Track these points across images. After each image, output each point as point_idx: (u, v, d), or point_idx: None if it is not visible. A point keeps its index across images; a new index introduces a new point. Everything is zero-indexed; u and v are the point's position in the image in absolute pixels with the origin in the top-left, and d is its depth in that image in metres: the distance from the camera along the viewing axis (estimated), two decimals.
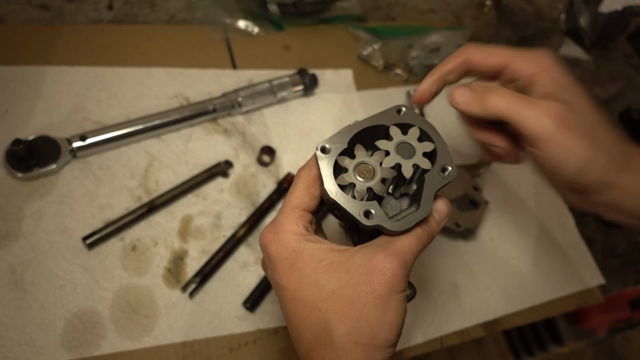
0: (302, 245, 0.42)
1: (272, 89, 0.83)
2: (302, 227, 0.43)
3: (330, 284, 0.40)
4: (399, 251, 0.40)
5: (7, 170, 0.66)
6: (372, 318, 0.39)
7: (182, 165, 0.75)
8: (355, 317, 0.39)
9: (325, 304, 0.40)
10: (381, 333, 0.39)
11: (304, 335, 0.41)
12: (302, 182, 0.44)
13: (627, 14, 1.13)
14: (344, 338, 0.39)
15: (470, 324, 0.78)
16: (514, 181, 0.95)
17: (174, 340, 0.63)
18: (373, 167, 0.43)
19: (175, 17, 0.91)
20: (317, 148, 0.43)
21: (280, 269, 0.42)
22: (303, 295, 0.41)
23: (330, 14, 1.00)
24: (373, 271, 0.39)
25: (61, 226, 0.65)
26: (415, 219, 0.41)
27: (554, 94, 0.48)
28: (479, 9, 1.18)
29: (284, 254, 0.42)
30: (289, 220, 0.43)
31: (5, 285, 0.60)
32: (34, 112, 0.72)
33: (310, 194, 0.44)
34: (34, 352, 0.58)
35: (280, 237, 0.42)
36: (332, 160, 0.43)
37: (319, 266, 0.41)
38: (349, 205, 0.41)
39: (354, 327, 0.39)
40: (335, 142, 0.44)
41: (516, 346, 1.54)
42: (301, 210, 0.43)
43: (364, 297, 0.39)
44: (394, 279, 0.39)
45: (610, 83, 1.13)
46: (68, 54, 0.78)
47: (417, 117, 0.45)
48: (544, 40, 1.11)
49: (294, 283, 0.41)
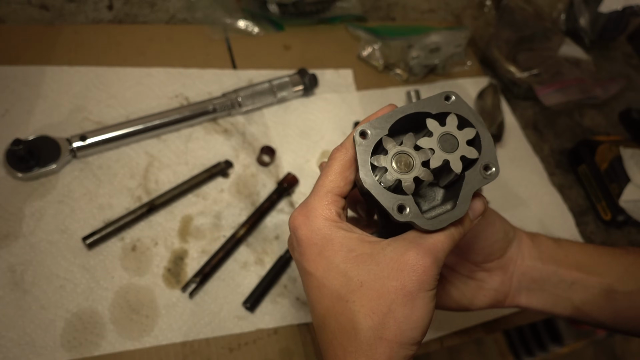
0: (333, 232, 0.40)
1: (272, 89, 0.83)
2: (334, 212, 0.41)
3: (359, 275, 0.39)
4: (432, 249, 0.39)
5: (7, 170, 0.66)
6: (399, 314, 0.38)
7: (182, 165, 0.75)
8: (382, 312, 0.38)
9: (353, 296, 0.39)
10: (407, 330, 0.38)
11: (328, 324, 0.41)
12: (337, 164, 0.42)
13: (627, 14, 1.13)
14: (369, 332, 0.38)
15: (470, 324, 0.78)
16: (514, 181, 0.95)
17: (174, 340, 0.63)
18: (413, 161, 0.40)
19: (175, 17, 0.91)
20: (355, 131, 0.41)
21: (309, 255, 0.41)
22: (330, 284, 0.40)
23: (330, 14, 1.00)
24: (405, 267, 0.38)
25: (61, 226, 0.65)
26: (450, 219, 0.40)
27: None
28: (479, 9, 1.18)
29: (314, 240, 0.41)
30: (321, 204, 0.41)
31: (5, 285, 0.60)
32: (34, 112, 0.72)
33: (345, 178, 0.42)
34: (34, 352, 0.58)
35: (312, 222, 0.41)
36: (370, 146, 0.40)
37: (349, 256, 0.40)
38: (382, 198, 0.39)
39: (380, 323, 0.38)
40: (376, 127, 0.41)
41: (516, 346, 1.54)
42: (334, 195, 0.42)
43: (393, 293, 0.38)
44: (425, 277, 0.38)
45: (610, 83, 1.13)
46: (68, 54, 0.78)
47: (464, 106, 0.42)
48: (544, 40, 1.11)
49: (322, 270, 0.40)
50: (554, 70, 1.06)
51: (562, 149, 1.08)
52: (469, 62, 1.09)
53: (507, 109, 1.07)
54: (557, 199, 0.97)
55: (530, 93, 1.07)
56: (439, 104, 0.41)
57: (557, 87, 1.06)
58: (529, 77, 1.06)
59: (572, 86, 1.07)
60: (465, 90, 1.05)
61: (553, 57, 1.09)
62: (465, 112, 0.41)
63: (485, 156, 0.40)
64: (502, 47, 1.08)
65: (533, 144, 1.05)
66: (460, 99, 0.42)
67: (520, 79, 1.07)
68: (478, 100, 1.02)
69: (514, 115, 1.07)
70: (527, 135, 1.06)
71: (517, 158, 1.01)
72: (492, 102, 1.00)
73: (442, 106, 0.41)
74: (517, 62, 1.08)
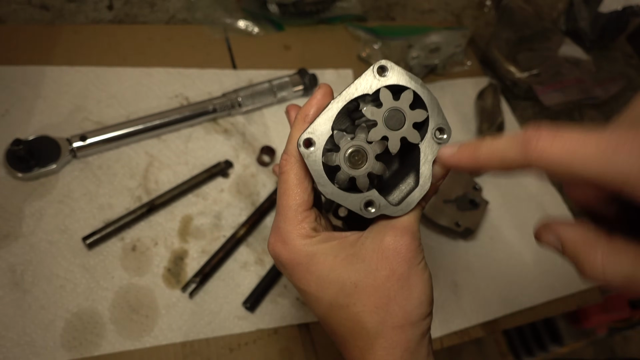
0: (313, 248, 0.41)
1: (272, 89, 0.83)
2: (308, 229, 0.41)
3: (350, 278, 0.39)
4: (406, 226, 0.40)
5: (7, 170, 0.66)
6: (400, 299, 0.39)
7: (182, 165, 0.75)
8: (384, 303, 0.39)
9: (351, 299, 0.39)
10: (414, 310, 0.39)
11: (338, 331, 0.41)
12: (292, 178, 0.41)
13: (627, 14, 1.13)
14: (379, 326, 0.39)
15: (470, 324, 0.78)
16: (514, 181, 0.95)
17: (174, 340, 0.63)
18: (367, 154, 0.39)
19: (175, 17, 0.91)
20: (299, 144, 0.39)
21: (297, 274, 0.41)
22: (327, 295, 0.40)
23: (330, 14, 1.00)
24: (387, 253, 0.39)
25: (61, 226, 0.65)
26: (417, 198, 0.39)
27: None
28: (479, 9, 1.18)
29: (298, 260, 0.41)
30: (293, 225, 0.41)
31: (5, 285, 0.60)
32: (34, 112, 0.72)
33: (305, 189, 0.41)
34: (34, 352, 0.58)
35: (290, 246, 0.41)
36: (319, 154, 0.39)
37: (335, 262, 0.40)
38: (347, 202, 0.39)
39: (386, 313, 0.39)
40: (319, 132, 0.39)
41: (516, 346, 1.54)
42: (302, 211, 0.41)
43: (387, 282, 0.39)
44: (410, 254, 0.39)
45: (610, 83, 1.13)
46: (68, 54, 0.78)
47: (402, 74, 0.39)
48: (544, 41, 1.11)
49: (314, 286, 0.41)
50: (554, 70, 1.06)
51: None
52: (468, 62, 1.09)
53: (507, 109, 1.07)
54: (557, 199, 0.97)
55: (530, 93, 1.07)
56: (373, 81, 0.39)
57: (557, 87, 1.06)
58: (529, 77, 1.06)
59: (572, 86, 1.07)
60: (465, 90, 1.05)
61: (553, 57, 1.08)
62: (404, 79, 0.39)
63: (434, 121, 0.39)
64: (502, 47, 1.08)
65: None
66: (396, 67, 0.39)
67: (520, 79, 1.06)
68: (478, 100, 1.02)
69: (514, 115, 1.07)
70: None
71: None
72: (492, 102, 1.00)
73: (377, 82, 0.39)
74: (517, 62, 1.08)
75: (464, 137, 0.98)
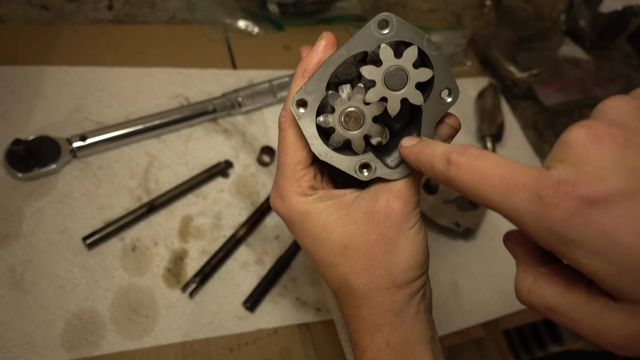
0: (308, 206, 0.41)
1: (272, 89, 0.83)
2: (306, 187, 0.41)
3: (341, 238, 0.40)
4: (401, 189, 0.40)
5: (7, 170, 0.66)
6: (387, 263, 0.39)
7: (182, 165, 0.75)
8: (371, 266, 0.39)
9: (340, 259, 0.40)
10: (400, 274, 0.39)
11: (330, 286, 0.43)
12: (289, 136, 0.41)
13: (627, 14, 1.13)
14: (365, 288, 0.40)
15: (470, 324, 0.78)
16: None
17: (174, 340, 0.63)
18: (363, 116, 0.37)
19: (175, 17, 0.91)
20: (292, 103, 0.37)
21: (294, 229, 0.43)
22: (318, 253, 0.42)
23: (330, 14, 1.00)
24: (379, 217, 0.39)
25: (61, 226, 0.65)
26: None
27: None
28: (479, 9, 1.18)
29: (294, 217, 0.42)
30: (290, 183, 0.41)
31: (5, 285, 0.60)
32: (34, 112, 0.72)
33: (303, 147, 0.41)
34: (34, 352, 0.58)
35: (287, 202, 0.42)
36: (312, 115, 0.37)
37: (328, 222, 0.41)
38: (341, 164, 0.38)
39: (372, 276, 0.39)
40: (313, 91, 0.37)
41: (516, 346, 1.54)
42: (301, 169, 0.41)
43: (375, 246, 0.39)
44: (401, 219, 0.39)
45: (610, 83, 1.13)
46: (68, 54, 0.78)
47: (408, 28, 0.35)
48: (544, 41, 1.11)
49: (308, 242, 0.42)
50: (554, 70, 1.06)
51: None
52: (469, 62, 1.09)
53: (507, 109, 1.07)
54: None
55: (530, 93, 1.07)
56: (374, 37, 0.35)
57: (557, 87, 1.06)
58: (529, 77, 1.06)
59: (572, 86, 1.07)
60: (465, 90, 1.05)
61: (553, 57, 1.08)
62: (408, 35, 0.35)
63: (440, 82, 0.36)
64: (502, 47, 1.08)
65: (533, 144, 1.05)
66: (402, 22, 0.35)
67: (520, 79, 1.07)
68: (478, 100, 1.02)
69: (514, 115, 1.07)
70: (527, 135, 1.06)
71: (517, 158, 1.01)
72: (492, 102, 1.00)
73: (379, 39, 0.36)
74: (517, 62, 1.08)
75: (464, 137, 0.98)
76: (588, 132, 0.27)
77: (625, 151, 0.25)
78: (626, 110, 0.28)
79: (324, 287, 0.72)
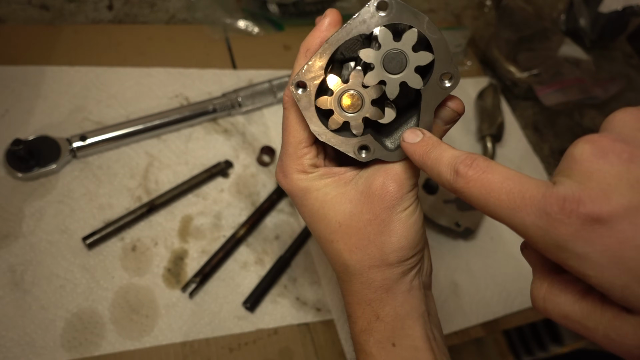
0: (308, 183, 0.43)
1: (272, 89, 0.83)
2: (306, 165, 0.43)
3: (336, 216, 0.42)
4: (397, 172, 0.41)
5: (7, 170, 0.66)
6: (379, 242, 0.40)
7: (182, 165, 0.75)
8: (363, 245, 0.41)
9: (334, 236, 0.42)
10: (392, 253, 0.41)
11: (328, 260, 0.45)
12: (292, 115, 0.42)
13: (627, 14, 1.13)
14: (357, 265, 0.41)
15: (470, 324, 0.78)
16: None
17: (174, 340, 0.63)
18: (362, 98, 0.37)
19: (175, 17, 0.91)
20: (292, 85, 0.37)
21: (296, 204, 0.45)
22: (317, 228, 0.43)
23: None
24: (373, 198, 0.40)
25: (61, 226, 0.65)
26: None
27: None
28: (479, 9, 1.18)
29: (295, 192, 0.44)
30: (292, 160, 0.43)
31: (5, 285, 0.60)
32: (34, 112, 0.72)
33: (306, 127, 0.42)
34: (34, 352, 0.58)
35: (289, 178, 0.43)
36: (311, 97, 0.37)
37: (326, 199, 0.42)
38: (340, 146, 0.39)
39: (364, 254, 0.41)
40: (312, 72, 0.37)
41: (516, 346, 1.54)
42: (303, 147, 0.42)
43: (368, 225, 0.40)
44: (394, 201, 0.40)
45: (610, 83, 1.13)
46: (68, 54, 0.78)
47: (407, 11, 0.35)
48: (544, 41, 1.11)
49: (308, 217, 0.44)
50: (554, 70, 1.06)
51: (562, 149, 1.08)
52: (469, 62, 1.09)
53: (507, 109, 1.07)
54: None
55: (530, 93, 1.07)
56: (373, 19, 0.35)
57: (557, 87, 1.06)
58: (529, 77, 1.06)
59: (572, 86, 1.07)
60: (465, 90, 1.05)
61: (553, 57, 1.08)
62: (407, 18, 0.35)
63: (440, 66, 0.35)
64: (502, 47, 1.08)
65: (533, 144, 1.05)
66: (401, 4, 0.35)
67: (520, 79, 1.06)
68: (478, 100, 1.02)
69: (514, 115, 1.07)
70: (527, 135, 1.06)
71: (517, 158, 1.01)
72: (492, 102, 1.00)
73: (377, 21, 0.35)
74: (517, 62, 1.08)
75: (464, 137, 0.98)
76: (593, 147, 0.27)
77: (629, 166, 0.26)
78: (633, 124, 0.29)
79: (324, 287, 0.72)
